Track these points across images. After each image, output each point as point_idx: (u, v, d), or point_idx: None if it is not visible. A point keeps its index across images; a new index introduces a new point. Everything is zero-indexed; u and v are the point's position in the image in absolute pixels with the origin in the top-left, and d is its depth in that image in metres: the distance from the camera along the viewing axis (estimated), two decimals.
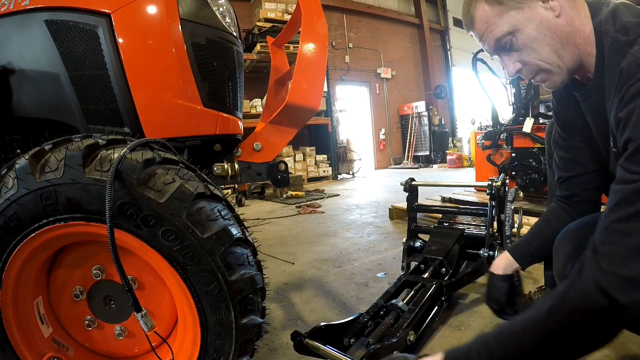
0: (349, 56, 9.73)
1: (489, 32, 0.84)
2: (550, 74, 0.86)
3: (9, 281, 0.88)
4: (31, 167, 0.81)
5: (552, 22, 0.80)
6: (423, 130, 10.35)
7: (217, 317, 0.87)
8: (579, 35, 0.82)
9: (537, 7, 0.80)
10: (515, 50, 0.85)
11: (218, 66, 1.19)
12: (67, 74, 1.06)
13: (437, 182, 3.84)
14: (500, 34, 0.83)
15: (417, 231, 1.94)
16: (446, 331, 1.39)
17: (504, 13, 0.81)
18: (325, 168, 7.89)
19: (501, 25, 0.82)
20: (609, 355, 1.15)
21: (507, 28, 0.82)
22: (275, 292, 1.89)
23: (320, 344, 1.08)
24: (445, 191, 3.51)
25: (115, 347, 1.03)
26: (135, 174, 0.81)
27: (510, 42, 0.83)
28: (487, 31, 0.85)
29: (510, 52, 0.86)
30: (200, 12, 1.16)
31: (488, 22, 0.83)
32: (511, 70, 0.88)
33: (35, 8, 1.06)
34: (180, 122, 1.13)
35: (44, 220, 0.83)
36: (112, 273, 0.96)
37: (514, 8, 0.81)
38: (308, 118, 1.33)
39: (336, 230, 3.20)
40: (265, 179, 1.34)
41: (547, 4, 0.80)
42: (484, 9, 0.83)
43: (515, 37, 0.82)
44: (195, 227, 0.83)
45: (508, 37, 0.83)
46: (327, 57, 1.35)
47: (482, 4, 0.83)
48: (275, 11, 7.06)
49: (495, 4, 0.82)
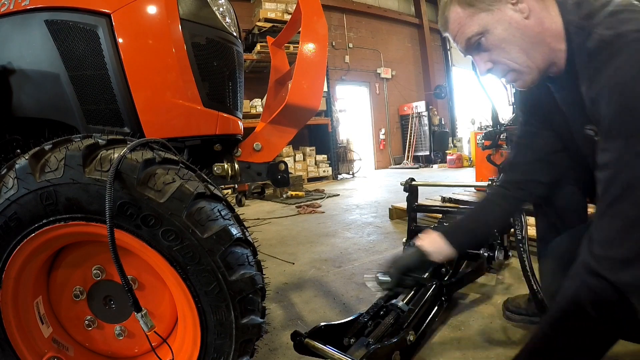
0: (349, 56, 9.73)
1: (461, 32, 0.89)
2: (520, 73, 0.89)
3: (9, 281, 0.88)
4: (31, 167, 0.81)
5: (520, 24, 0.84)
6: (423, 130, 10.35)
7: (217, 317, 0.87)
8: (548, 34, 0.84)
9: (506, 9, 0.84)
10: (485, 51, 0.88)
11: (218, 66, 1.19)
12: (67, 74, 1.06)
13: (437, 182, 3.85)
14: (470, 34, 0.87)
15: (417, 231, 1.94)
16: (446, 331, 1.39)
17: (474, 15, 0.85)
18: (325, 168, 7.89)
19: (472, 26, 0.86)
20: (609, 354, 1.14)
21: (477, 29, 0.86)
22: (275, 292, 1.89)
23: (320, 344, 1.08)
24: (445, 191, 3.52)
25: (115, 347, 1.03)
26: (135, 174, 0.81)
27: (480, 42, 0.87)
28: (459, 32, 0.89)
29: (481, 52, 0.89)
30: (200, 12, 1.16)
31: (460, 23, 0.88)
32: (482, 69, 0.91)
33: (35, 8, 1.06)
34: (180, 122, 1.13)
35: (44, 220, 0.83)
36: (112, 273, 0.96)
37: (484, 10, 0.85)
38: (308, 118, 1.33)
39: (336, 230, 3.20)
40: (265, 179, 1.34)
41: (516, 6, 0.83)
42: (457, 11, 0.88)
43: (485, 38, 0.86)
44: (195, 227, 0.83)
45: (478, 37, 0.87)
46: (327, 57, 1.35)
47: (455, 7, 0.88)
48: (275, 11, 7.05)
49: (466, 6, 0.86)
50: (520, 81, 0.90)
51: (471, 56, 0.93)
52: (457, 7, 0.87)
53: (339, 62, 9.52)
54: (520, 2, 0.83)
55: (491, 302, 1.59)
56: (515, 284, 1.73)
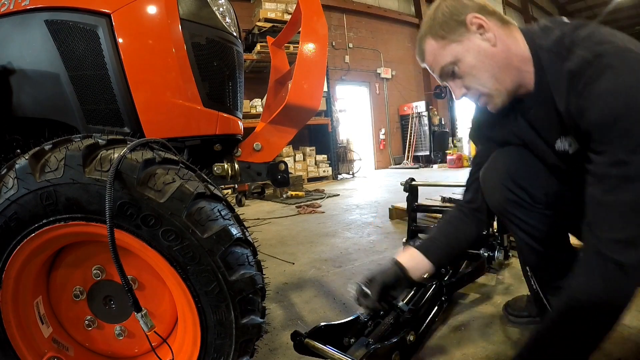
0: (349, 56, 9.73)
1: (435, 62, 0.97)
2: (490, 97, 0.95)
3: (9, 281, 0.88)
4: (31, 167, 0.81)
5: (489, 51, 0.91)
6: (423, 130, 10.35)
7: (217, 317, 0.87)
8: (515, 58, 0.92)
9: (474, 39, 0.91)
10: (459, 77, 0.96)
11: (218, 66, 1.19)
12: (67, 74, 1.06)
13: (437, 182, 3.85)
14: (443, 63, 0.95)
15: (417, 231, 1.94)
16: (446, 331, 1.39)
17: (446, 46, 0.93)
18: (325, 168, 7.89)
19: (445, 56, 0.94)
20: (608, 354, 1.15)
21: (450, 58, 0.93)
22: (275, 292, 1.89)
23: (320, 344, 1.08)
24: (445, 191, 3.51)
25: (115, 347, 1.03)
26: (135, 174, 0.81)
27: (454, 70, 0.95)
28: (434, 61, 0.97)
29: (455, 79, 0.97)
30: (200, 12, 1.16)
31: (434, 54, 0.96)
32: (457, 94, 0.99)
33: (35, 8, 1.06)
34: (180, 122, 1.13)
35: (44, 220, 0.83)
36: (112, 273, 0.96)
37: (455, 41, 0.92)
38: (308, 118, 1.33)
39: (336, 230, 3.20)
40: (265, 179, 1.34)
41: (483, 35, 0.91)
42: (431, 43, 0.96)
43: (457, 66, 0.94)
44: (195, 227, 0.83)
45: (451, 66, 0.94)
46: (327, 57, 1.35)
47: (430, 40, 0.96)
48: (275, 11, 7.06)
49: (439, 38, 0.94)
50: (492, 104, 0.97)
51: (447, 83, 1.00)
52: (431, 40, 0.95)
53: (339, 62, 9.52)
54: (487, 31, 0.91)
55: (491, 302, 1.59)
56: (515, 284, 1.73)
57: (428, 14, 0.98)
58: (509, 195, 1.07)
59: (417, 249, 1.16)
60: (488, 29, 0.91)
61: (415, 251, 1.16)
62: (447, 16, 0.92)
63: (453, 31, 0.92)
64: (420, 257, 1.15)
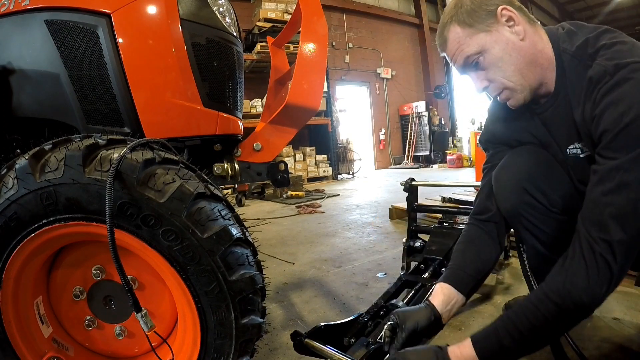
0: (349, 56, 9.73)
1: (459, 51, 0.93)
2: (514, 92, 0.93)
3: (9, 281, 0.88)
4: (31, 167, 0.81)
5: (517, 44, 0.90)
6: (423, 130, 10.35)
7: (217, 317, 0.87)
8: (541, 56, 0.91)
9: (503, 31, 0.90)
10: (482, 69, 0.93)
11: (218, 66, 1.19)
12: (67, 74, 1.06)
13: (437, 182, 3.84)
14: (469, 52, 0.91)
15: (417, 231, 1.94)
16: (446, 331, 1.39)
17: (474, 35, 0.90)
18: (325, 168, 7.89)
19: (471, 45, 0.91)
20: (609, 354, 1.15)
21: (476, 48, 0.90)
22: (275, 292, 1.89)
23: (320, 344, 1.08)
24: (445, 191, 3.51)
25: (115, 347, 1.03)
26: (135, 174, 0.81)
27: (478, 61, 0.92)
28: (458, 50, 0.93)
29: (478, 70, 0.94)
30: (200, 12, 1.16)
31: (459, 42, 0.92)
32: (479, 86, 0.96)
33: (35, 8, 1.06)
34: (180, 122, 1.13)
35: (44, 220, 0.83)
36: (112, 273, 0.96)
37: (483, 31, 0.90)
38: (308, 118, 1.33)
39: (336, 230, 3.20)
40: (265, 179, 1.34)
41: (512, 28, 0.90)
42: (456, 31, 0.92)
43: (483, 57, 0.91)
44: (195, 227, 0.83)
45: (476, 56, 0.91)
46: (327, 57, 1.35)
47: (455, 27, 0.92)
48: (275, 11, 7.06)
49: (466, 26, 0.91)
50: (514, 99, 0.94)
51: (468, 75, 0.97)
52: (456, 27, 0.92)
53: (339, 62, 9.52)
54: (517, 25, 0.89)
55: (491, 302, 1.59)
56: (515, 284, 1.73)
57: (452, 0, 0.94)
58: (526, 198, 1.02)
59: (449, 284, 1.07)
60: (518, 23, 0.89)
61: (449, 288, 1.06)
62: (475, 4, 0.90)
63: (482, 20, 0.89)
64: (454, 293, 1.06)
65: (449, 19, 0.93)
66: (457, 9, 0.92)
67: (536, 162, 1.03)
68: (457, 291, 1.06)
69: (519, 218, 1.05)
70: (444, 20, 0.95)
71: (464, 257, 1.12)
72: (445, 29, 0.94)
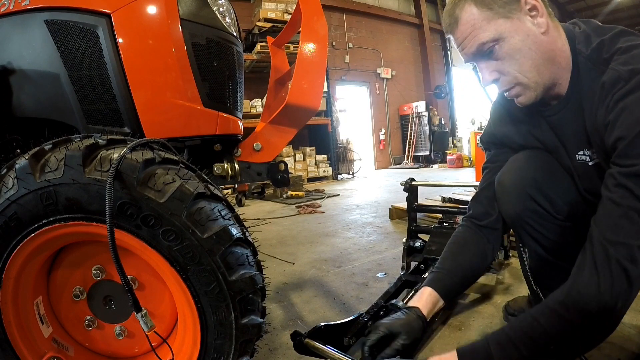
0: (349, 56, 9.73)
1: (473, 36, 0.83)
2: (526, 88, 0.86)
3: (9, 281, 0.88)
4: (31, 167, 0.81)
5: (538, 38, 0.81)
6: (423, 130, 10.35)
7: (217, 317, 0.87)
8: (560, 54, 0.84)
9: (525, 20, 0.81)
10: (495, 59, 0.84)
11: (218, 66, 1.19)
12: (67, 74, 1.06)
13: (437, 182, 3.84)
14: (485, 39, 0.82)
15: (417, 231, 1.94)
16: (446, 331, 1.39)
17: (492, 19, 0.80)
18: (325, 168, 7.89)
19: (487, 31, 0.81)
20: (609, 354, 1.15)
21: (493, 35, 0.81)
22: (275, 292, 1.89)
23: (320, 344, 1.08)
24: (445, 191, 3.51)
25: (115, 347, 1.03)
26: (135, 174, 0.81)
27: (493, 49, 0.82)
28: (471, 35, 0.83)
29: (489, 60, 0.85)
30: (200, 12, 1.16)
31: (474, 25, 0.82)
32: (487, 78, 0.87)
33: (35, 8, 1.06)
34: (180, 122, 1.13)
35: (44, 220, 0.83)
36: (112, 273, 0.96)
37: (503, 16, 0.80)
38: (308, 118, 1.33)
39: (336, 230, 3.20)
40: (265, 179, 1.34)
41: (535, 19, 0.81)
42: (472, 12, 0.81)
43: (499, 45, 0.82)
44: (195, 227, 0.83)
45: (492, 44, 0.82)
46: (327, 57, 1.35)
47: (471, 6, 0.81)
48: (275, 11, 7.06)
49: (485, 8, 0.80)
50: (524, 97, 0.87)
51: (476, 63, 0.88)
52: (472, 7, 0.81)
53: (339, 62, 9.53)
54: (540, 16, 0.81)
55: (491, 302, 1.59)
56: (515, 284, 1.73)
57: None
58: (530, 204, 0.98)
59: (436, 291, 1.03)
60: (542, 14, 0.81)
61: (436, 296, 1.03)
62: None
63: (503, 4, 0.79)
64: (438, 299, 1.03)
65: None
66: None
67: (541, 168, 0.98)
68: (440, 297, 1.04)
69: (522, 224, 1.02)
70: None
71: (455, 262, 1.08)
72: (457, 7, 0.83)
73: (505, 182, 1.02)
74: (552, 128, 0.96)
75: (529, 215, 0.99)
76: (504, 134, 1.09)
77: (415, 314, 0.99)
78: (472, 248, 1.09)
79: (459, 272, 1.07)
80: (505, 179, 1.03)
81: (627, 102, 0.71)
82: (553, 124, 0.95)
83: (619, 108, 0.72)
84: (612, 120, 0.73)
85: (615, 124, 0.72)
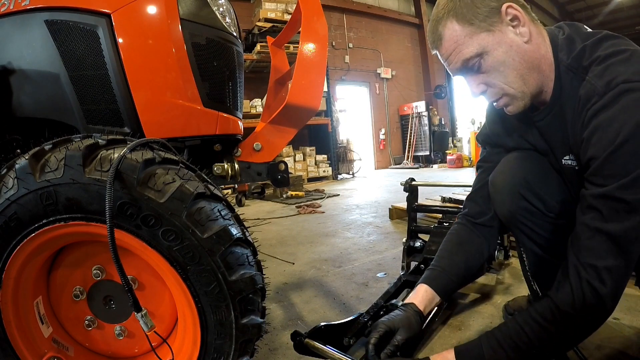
0: (349, 56, 9.73)
1: (457, 52, 0.83)
2: (513, 98, 0.87)
3: (9, 281, 0.88)
4: (31, 167, 0.81)
5: (521, 48, 0.82)
6: (423, 130, 10.36)
7: (217, 317, 0.87)
8: (544, 61, 0.84)
9: (507, 31, 0.81)
10: (481, 72, 0.85)
11: (218, 66, 1.19)
12: (67, 74, 1.06)
13: (437, 182, 3.84)
14: (469, 54, 0.82)
15: (417, 231, 1.94)
16: (446, 331, 1.39)
17: (474, 34, 0.81)
18: (325, 168, 7.89)
19: (471, 46, 0.82)
20: (609, 354, 1.15)
21: (477, 49, 0.81)
22: (275, 292, 1.89)
23: (320, 344, 1.08)
24: (445, 191, 3.51)
25: (115, 347, 1.03)
26: (135, 174, 0.81)
27: (478, 64, 0.83)
28: (456, 51, 0.84)
29: (476, 73, 0.85)
30: (200, 12, 1.16)
31: (457, 42, 0.83)
32: (475, 91, 0.88)
33: (35, 8, 1.06)
34: (180, 122, 1.13)
35: (44, 220, 0.83)
36: (112, 273, 0.96)
37: (485, 30, 0.81)
38: (308, 118, 1.33)
39: (336, 230, 3.20)
40: (265, 179, 1.34)
41: (517, 29, 0.82)
42: (454, 28, 0.82)
43: (483, 59, 0.82)
44: (195, 227, 0.83)
45: (476, 59, 0.82)
46: (327, 57, 1.35)
47: (453, 23, 0.82)
48: (275, 11, 7.06)
49: (466, 23, 0.81)
50: (512, 106, 0.89)
51: (463, 77, 0.89)
52: (454, 24, 0.82)
53: (339, 62, 9.53)
54: (522, 25, 0.82)
55: (491, 302, 1.59)
56: (515, 284, 1.73)
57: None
58: (522, 203, 1.00)
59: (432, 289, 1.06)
60: (523, 23, 0.81)
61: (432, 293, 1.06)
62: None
63: (484, 18, 0.80)
64: (435, 296, 1.06)
65: (445, 13, 0.83)
66: (454, 2, 0.82)
67: (532, 168, 1.00)
68: (436, 295, 1.06)
69: (516, 223, 1.04)
70: (439, 14, 0.84)
71: (452, 260, 1.09)
72: (439, 24, 0.84)
73: (498, 183, 1.05)
74: (541, 133, 0.98)
75: (522, 214, 1.01)
76: (497, 136, 1.11)
77: (412, 309, 1.02)
78: (467, 245, 1.10)
79: (454, 269, 1.08)
80: (498, 180, 1.05)
81: (600, 120, 0.73)
82: (541, 129, 0.97)
83: (592, 126, 0.74)
84: (586, 138, 0.76)
85: (589, 143, 0.75)
